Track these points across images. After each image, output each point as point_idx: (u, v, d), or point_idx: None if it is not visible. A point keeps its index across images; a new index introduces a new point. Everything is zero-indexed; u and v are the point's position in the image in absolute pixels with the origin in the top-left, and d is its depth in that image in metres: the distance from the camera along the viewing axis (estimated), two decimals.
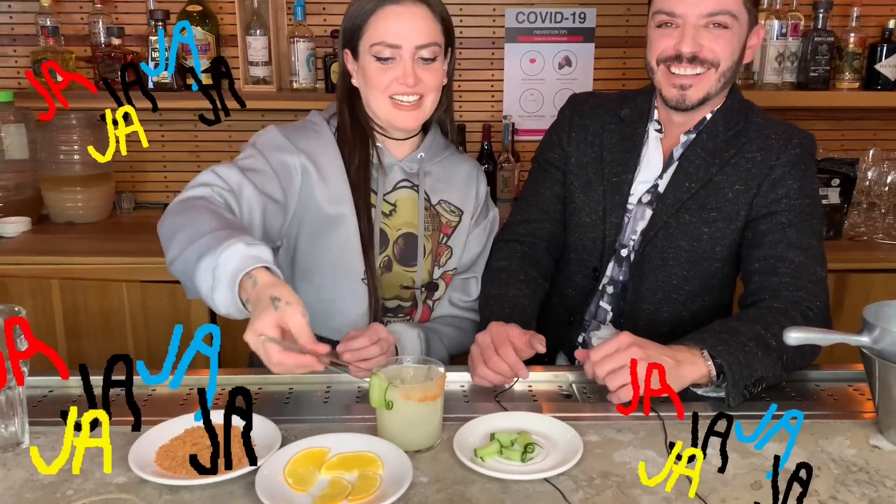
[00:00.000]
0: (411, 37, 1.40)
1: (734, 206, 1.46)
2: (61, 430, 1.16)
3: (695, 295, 1.52)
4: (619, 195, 1.52)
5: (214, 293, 1.09)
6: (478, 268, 1.62)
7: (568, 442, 1.12)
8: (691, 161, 1.47)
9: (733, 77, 1.44)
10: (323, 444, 1.09)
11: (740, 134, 1.48)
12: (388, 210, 1.52)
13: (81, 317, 2.20)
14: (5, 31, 2.65)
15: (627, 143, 1.54)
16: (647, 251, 1.50)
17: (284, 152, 1.43)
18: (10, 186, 2.49)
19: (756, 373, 1.25)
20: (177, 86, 2.52)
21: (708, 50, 1.38)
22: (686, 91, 1.42)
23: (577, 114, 1.61)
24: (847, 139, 2.82)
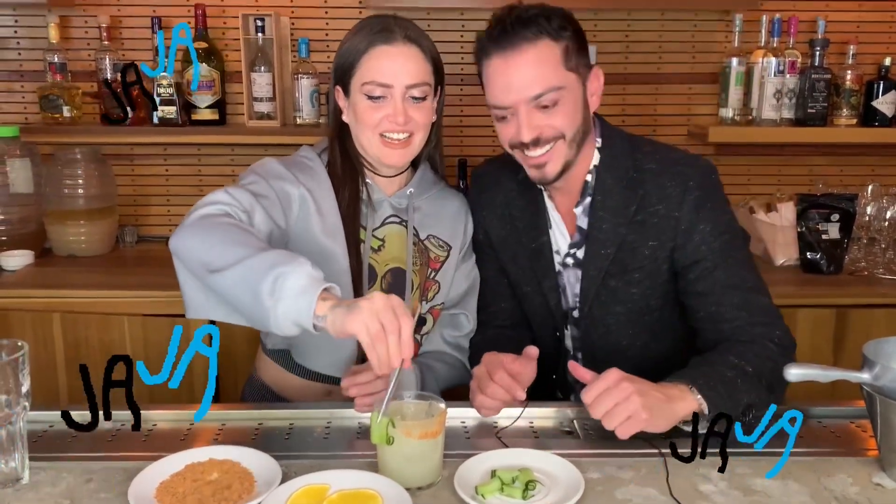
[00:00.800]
0: (402, 76, 1.42)
1: (654, 263, 1.46)
2: (62, 465, 1.16)
3: (647, 344, 1.53)
4: (542, 259, 1.53)
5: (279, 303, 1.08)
6: (467, 304, 1.62)
7: (569, 479, 1.11)
8: (598, 227, 1.47)
9: (585, 135, 1.43)
10: (323, 480, 1.09)
11: (634, 185, 1.45)
12: (376, 245, 1.52)
13: (82, 350, 2.20)
14: (13, 66, 2.69)
15: (532, 206, 1.55)
16: (588, 322, 1.52)
17: (286, 182, 1.44)
18: (15, 220, 2.50)
19: (741, 401, 1.25)
20: (181, 121, 2.55)
21: (547, 128, 1.38)
22: (543, 169, 1.42)
23: (481, 190, 1.62)
24: (846, 175, 2.84)
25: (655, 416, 1.21)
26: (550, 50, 1.36)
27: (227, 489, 1.07)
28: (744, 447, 1.23)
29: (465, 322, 1.61)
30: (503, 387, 1.28)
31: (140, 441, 1.27)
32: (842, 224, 2.42)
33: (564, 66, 1.37)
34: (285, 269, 1.10)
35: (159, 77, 2.50)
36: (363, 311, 1.06)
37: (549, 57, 1.36)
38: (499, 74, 1.37)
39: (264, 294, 1.09)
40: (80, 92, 2.63)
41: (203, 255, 1.18)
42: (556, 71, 1.36)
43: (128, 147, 2.74)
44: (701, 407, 1.24)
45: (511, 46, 1.35)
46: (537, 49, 1.35)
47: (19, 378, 1.08)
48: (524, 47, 1.35)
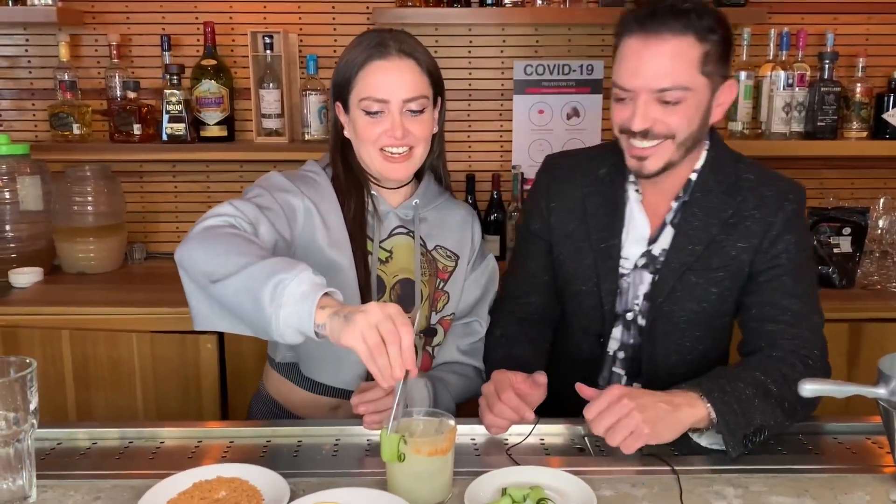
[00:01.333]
0: (398, 91, 1.42)
1: (739, 264, 1.45)
2: (69, 483, 1.15)
3: (708, 351, 1.51)
4: (609, 261, 1.51)
5: (280, 310, 1.08)
6: (479, 311, 1.61)
7: (581, 497, 1.10)
8: (690, 223, 1.46)
9: (697, 142, 1.42)
10: (332, 498, 1.07)
11: (734, 192, 1.46)
12: (384, 257, 1.52)
13: (91, 367, 2.20)
14: (24, 85, 2.71)
15: (609, 206, 1.52)
16: (657, 317, 1.49)
17: (290, 194, 1.44)
18: (24, 237, 2.51)
19: (755, 421, 1.24)
20: (190, 137, 2.56)
21: (660, 124, 1.36)
22: (643, 162, 1.40)
23: (553, 180, 1.59)
24: (857, 188, 2.82)
25: (659, 429, 1.20)
26: (691, 49, 1.32)
27: None
28: (762, 464, 1.21)
29: (478, 328, 1.60)
30: (511, 407, 1.27)
31: (148, 459, 1.26)
32: (854, 237, 2.40)
33: (699, 69, 1.34)
34: (286, 276, 1.09)
35: (168, 94, 2.51)
36: (358, 324, 1.04)
37: (688, 55, 1.33)
38: (632, 56, 1.35)
39: (265, 301, 1.09)
40: (90, 110, 2.64)
41: (206, 266, 1.18)
42: (690, 71, 1.33)
43: (137, 164, 2.76)
44: (711, 417, 1.23)
45: (654, 33, 1.32)
46: (679, 43, 1.32)
47: (27, 395, 1.08)
48: (666, 37, 1.32)
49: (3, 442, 1.06)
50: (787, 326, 1.39)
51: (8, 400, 1.06)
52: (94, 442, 1.31)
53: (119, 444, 1.31)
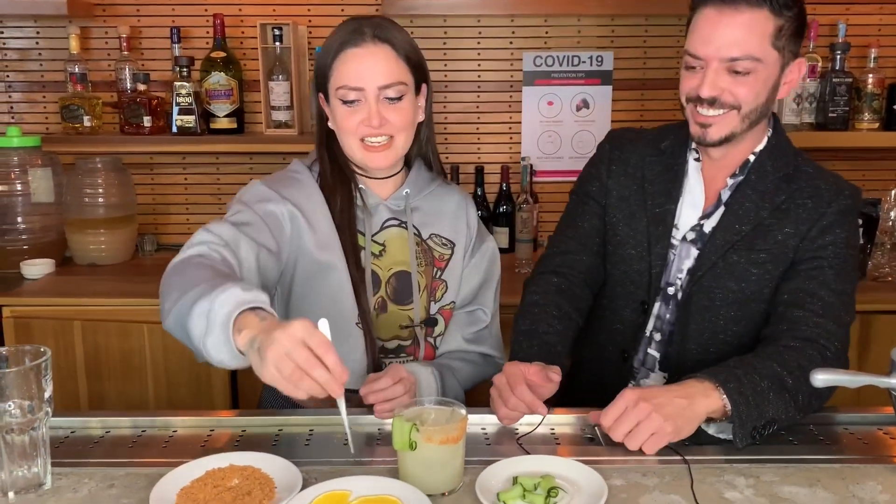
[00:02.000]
0: (373, 78, 1.40)
1: (784, 249, 1.45)
2: (83, 471, 1.16)
3: (741, 336, 1.50)
4: (662, 226, 1.51)
5: (207, 338, 1.06)
6: (482, 299, 1.60)
7: (592, 486, 1.10)
8: (741, 203, 1.47)
9: (762, 116, 1.43)
10: (344, 486, 1.08)
11: (791, 179, 1.46)
12: (377, 251, 1.50)
13: (102, 358, 2.21)
14: (35, 77, 2.72)
15: (668, 174, 1.53)
16: (695, 291, 1.48)
17: (271, 202, 1.43)
18: (36, 229, 2.53)
19: (767, 414, 1.24)
20: (200, 129, 2.57)
21: (728, 94, 1.38)
22: (707, 129, 1.41)
23: (616, 147, 1.60)
24: (868, 179, 2.80)
25: (680, 424, 1.21)
26: (766, 21, 1.34)
27: (247, 495, 1.06)
28: (773, 454, 1.21)
29: (482, 316, 1.59)
30: (525, 402, 1.27)
31: (160, 447, 1.27)
32: (865, 229, 2.39)
33: (772, 43, 1.35)
34: (205, 302, 1.07)
35: (178, 86, 2.52)
36: (269, 360, 0.98)
37: (762, 27, 1.34)
38: (706, 24, 1.36)
39: (194, 333, 1.08)
40: (101, 102, 2.65)
41: (161, 301, 1.20)
42: (762, 43, 1.35)
43: (147, 156, 2.77)
44: (725, 408, 1.23)
45: (730, 4, 1.34)
46: (754, 15, 1.33)
47: (42, 384, 1.09)
48: (742, 8, 1.33)
49: (18, 430, 1.07)
50: (814, 315, 1.38)
51: (23, 388, 1.07)
52: (108, 431, 1.32)
53: (132, 432, 1.32)
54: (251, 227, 1.38)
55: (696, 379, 1.27)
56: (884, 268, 2.44)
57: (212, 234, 1.31)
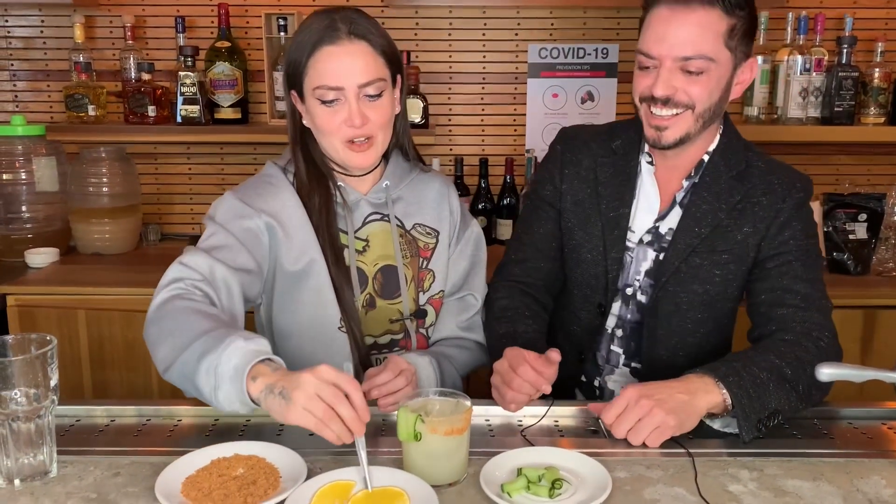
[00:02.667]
0: (353, 76, 1.36)
1: (744, 248, 1.47)
2: (88, 459, 1.16)
3: (709, 335, 1.53)
4: (617, 230, 1.52)
5: (218, 392, 1.10)
6: (472, 283, 1.59)
7: (596, 478, 1.10)
8: (698, 206, 1.47)
9: (715, 116, 1.43)
10: (349, 477, 1.08)
11: (743, 178, 1.48)
12: (361, 247, 1.48)
13: (107, 347, 2.22)
14: (40, 66, 2.72)
15: (621, 177, 1.53)
16: (660, 296, 1.49)
17: (245, 219, 1.40)
18: (40, 218, 2.53)
19: (769, 406, 1.24)
20: (204, 119, 2.56)
21: (682, 93, 1.37)
22: (662, 132, 1.41)
23: (568, 149, 1.60)
24: (873, 174, 2.80)
25: (682, 419, 1.22)
26: (719, 21, 1.34)
27: (252, 485, 1.06)
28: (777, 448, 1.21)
29: (473, 301, 1.58)
30: (529, 381, 1.28)
31: (165, 436, 1.27)
32: (869, 224, 2.39)
33: (724, 42, 1.36)
34: (213, 357, 1.11)
35: (182, 76, 2.52)
36: (298, 401, 1.03)
37: (714, 27, 1.34)
38: (659, 23, 1.36)
39: (204, 388, 1.12)
40: (105, 91, 2.65)
41: (154, 351, 1.22)
42: (715, 43, 1.35)
43: (151, 146, 2.77)
44: (726, 403, 1.24)
45: (683, 3, 1.34)
46: (707, 14, 1.33)
47: (48, 372, 1.09)
48: (695, 7, 1.33)
49: (24, 417, 1.07)
50: (798, 310, 1.40)
51: (29, 376, 1.07)
52: (113, 419, 1.33)
53: (137, 421, 1.32)
54: (227, 250, 1.35)
55: (695, 374, 1.28)
56: (888, 262, 2.44)
57: (187, 268, 1.30)
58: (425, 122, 2.59)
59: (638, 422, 1.21)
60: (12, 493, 1.07)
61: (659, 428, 1.20)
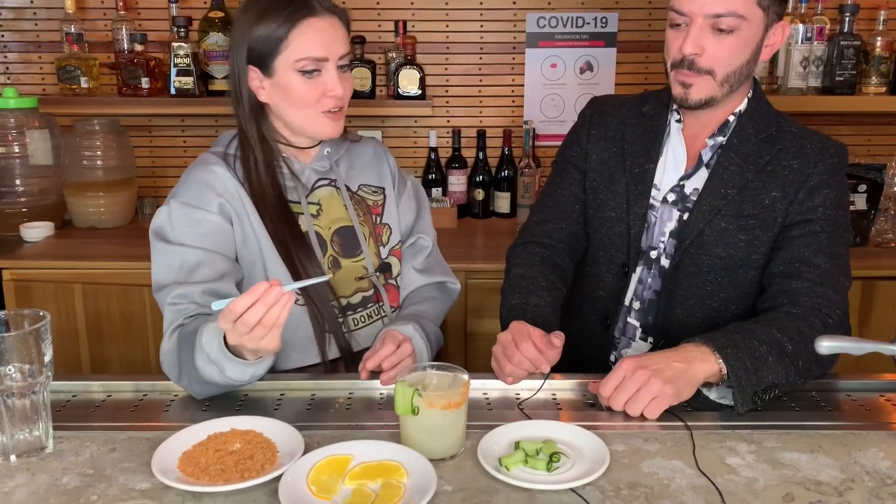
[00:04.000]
0: (335, 47, 1.39)
1: (771, 213, 1.44)
2: (85, 434, 1.16)
3: (729, 302, 1.50)
4: (641, 185, 1.51)
5: (226, 372, 1.19)
6: (420, 227, 1.63)
7: (594, 451, 1.10)
8: (725, 167, 1.45)
9: (743, 79, 1.42)
10: (346, 451, 1.08)
11: (774, 140, 1.46)
12: (314, 211, 1.50)
13: (104, 321, 2.21)
14: (30, 37, 2.68)
15: (649, 135, 1.53)
16: (682, 258, 1.47)
17: (202, 223, 1.39)
18: (35, 192, 2.51)
19: (766, 379, 1.23)
20: (199, 91, 2.53)
21: (708, 56, 1.36)
22: (688, 89, 1.40)
23: (597, 112, 1.60)
24: (874, 144, 2.78)
25: (679, 387, 1.21)
26: None
27: (249, 459, 1.06)
28: (775, 420, 1.21)
29: (424, 243, 1.63)
30: (530, 359, 1.27)
31: (162, 411, 1.27)
32: (869, 195, 2.38)
33: (757, 1, 1.34)
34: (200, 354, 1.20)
35: (176, 47, 2.48)
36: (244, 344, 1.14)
37: None
38: None
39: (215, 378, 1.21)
40: (97, 63, 2.62)
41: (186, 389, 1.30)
42: (747, 1, 1.33)
43: (145, 118, 2.74)
44: (722, 372, 1.23)
45: None
46: None
47: (42, 348, 1.08)
48: None
49: (19, 393, 1.07)
50: (813, 284, 1.37)
51: (22, 352, 1.06)
52: (109, 395, 1.32)
53: (133, 396, 1.32)
54: (202, 266, 1.36)
55: (693, 343, 1.26)
56: (887, 234, 2.43)
57: (177, 307, 1.33)
58: (422, 93, 2.56)
59: (636, 392, 1.21)
60: (8, 469, 1.07)
61: (657, 398, 1.20)
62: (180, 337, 1.29)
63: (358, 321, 1.51)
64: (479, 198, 2.70)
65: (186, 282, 1.34)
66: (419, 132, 2.77)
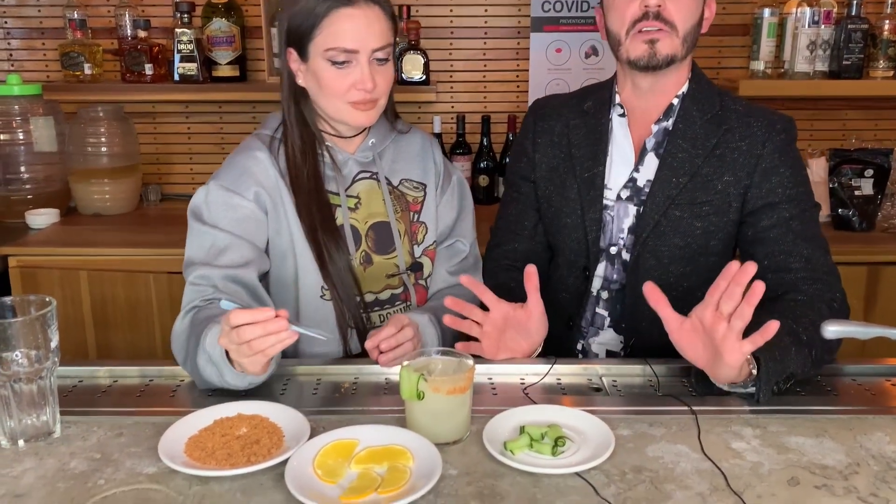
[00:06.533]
0: (368, 40, 1.35)
1: (725, 198, 1.44)
2: (92, 419, 1.17)
3: (694, 290, 1.48)
4: (593, 190, 1.50)
5: (225, 377, 1.19)
6: (459, 230, 1.61)
7: (599, 436, 1.10)
8: (674, 154, 1.45)
9: (692, 44, 1.43)
10: (352, 435, 1.08)
11: (720, 121, 1.45)
12: (352, 204, 1.49)
13: (109, 307, 2.22)
14: (34, 24, 2.67)
15: (594, 136, 1.52)
16: (641, 252, 1.48)
17: (237, 208, 1.39)
18: (40, 178, 2.51)
19: (788, 368, 1.23)
20: (202, 77, 2.53)
21: (669, 10, 1.38)
22: (655, 46, 1.40)
23: (539, 118, 1.60)
24: (881, 129, 2.76)
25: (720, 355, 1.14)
26: None
27: (255, 444, 1.07)
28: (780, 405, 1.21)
29: (461, 247, 1.60)
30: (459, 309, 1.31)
31: (168, 396, 1.27)
32: (875, 180, 2.37)
33: None
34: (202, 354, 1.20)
35: (179, 33, 2.47)
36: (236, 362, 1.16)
37: None
38: None
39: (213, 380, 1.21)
40: (101, 49, 2.61)
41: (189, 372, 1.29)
42: None
43: (149, 105, 2.73)
44: (751, 369, 1.19)
45: None
46: None
47: (48, 333, 1.08)
48: None
49: (26, 379, 1.07)
50: (805, 273, 1.37)
51: (29, 338, 1.07)
52: (115, 380, 1.33)
53: (139, 382, 1.32)
54: (229, 251, 1.36)
55: None
56: (893, 219, 2.42)
57: (197, 287, 1.33)
58: (426, 78, 2.55)
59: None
60: (17, 454, 1.08)
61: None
62: (192, 322, 1.28)
63: (384, 317, 1.50)
64: (483, 184, 2.69)
65: (211, 264, 1.35)
66: (423, 118, 2.76)
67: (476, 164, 2.70)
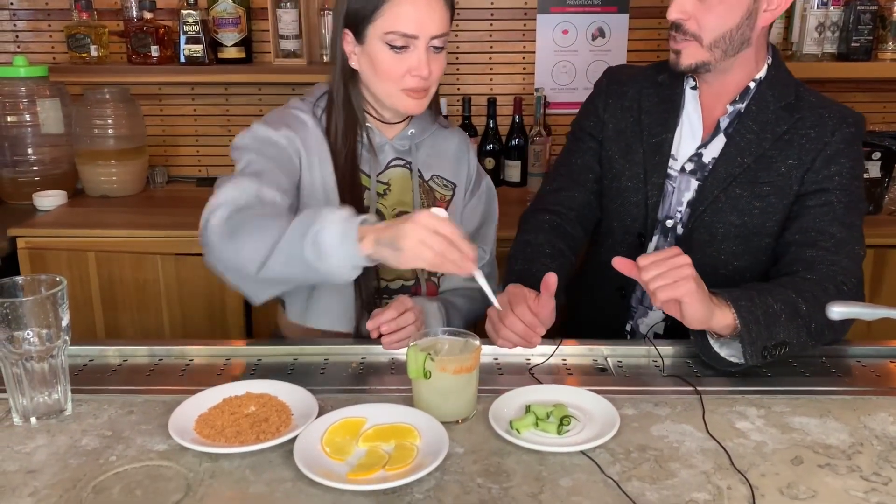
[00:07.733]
0: (428, 27, 1.35)
1: (787, 181, 1.44)
2: (103, 398, 1.18)
3: (743, 270, 1.49)
4: (659, 155, 1.50)
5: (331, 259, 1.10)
6: (482, 237, 1.60)
7: (604, 415, 1.11)
8: (742, 135, 1.45)
9: (738, 45, 1.40)
10: (360, 414, 1.10)
11: (792, 109, 1.45)
12: (381, 190, 1.49)
13: (117, 288, 2.23)
14: (40, 5, 2.67)
15: (665, 104, 1.52)
16: (696, 226, 1.48)
17: (276, 143, 1.40)
18: (47, 160, 2.52)
19: (777, 336, 1.23)
20: (208, 59, 2.53)
21: (692, 21, 1.37)
22: (678, 56, 1.42)
23: (613, 82, 1.60)
24: (889, 111, 2.75)
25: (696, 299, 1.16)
26: None
27: (264, 422, 1.08)
28: (784, 385, 1.22)
29: (481, 254, 1.59)
30: (525, 322, 1.26)
31: (178, 375, 1.29)
32: (883, 162, 2.35)
33: None
34: (316, 227, 1.10)
35: (185, 14, 2.47)
36: (407, 251, 1.06)
37: None
38: None
39: (312, 261, 1.11)
40: (107, 31, 2.61)
41: (240, 261, 1.18)
42: None
43: (155, 87, 2.73)
44: (735, 324, 1.21)
45: None
46: None
47: (59, 312, 1.09)
48: None
49: (37, 357, 1.09)
50: (828, 253, 1.37)
51: (40, 317, 1.08)
52: (125, 359, 1.34)
53: (149, 361, 1.34)
54: (268, 174, 1.35)
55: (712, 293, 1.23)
56: None
57: (237, 188, 1.27)
58: None
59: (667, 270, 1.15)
60: (29, 431, 1.09)
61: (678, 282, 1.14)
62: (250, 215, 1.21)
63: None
64: (489, 166, 2.69)
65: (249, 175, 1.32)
66: None
67: (482, 146, 2.70)
